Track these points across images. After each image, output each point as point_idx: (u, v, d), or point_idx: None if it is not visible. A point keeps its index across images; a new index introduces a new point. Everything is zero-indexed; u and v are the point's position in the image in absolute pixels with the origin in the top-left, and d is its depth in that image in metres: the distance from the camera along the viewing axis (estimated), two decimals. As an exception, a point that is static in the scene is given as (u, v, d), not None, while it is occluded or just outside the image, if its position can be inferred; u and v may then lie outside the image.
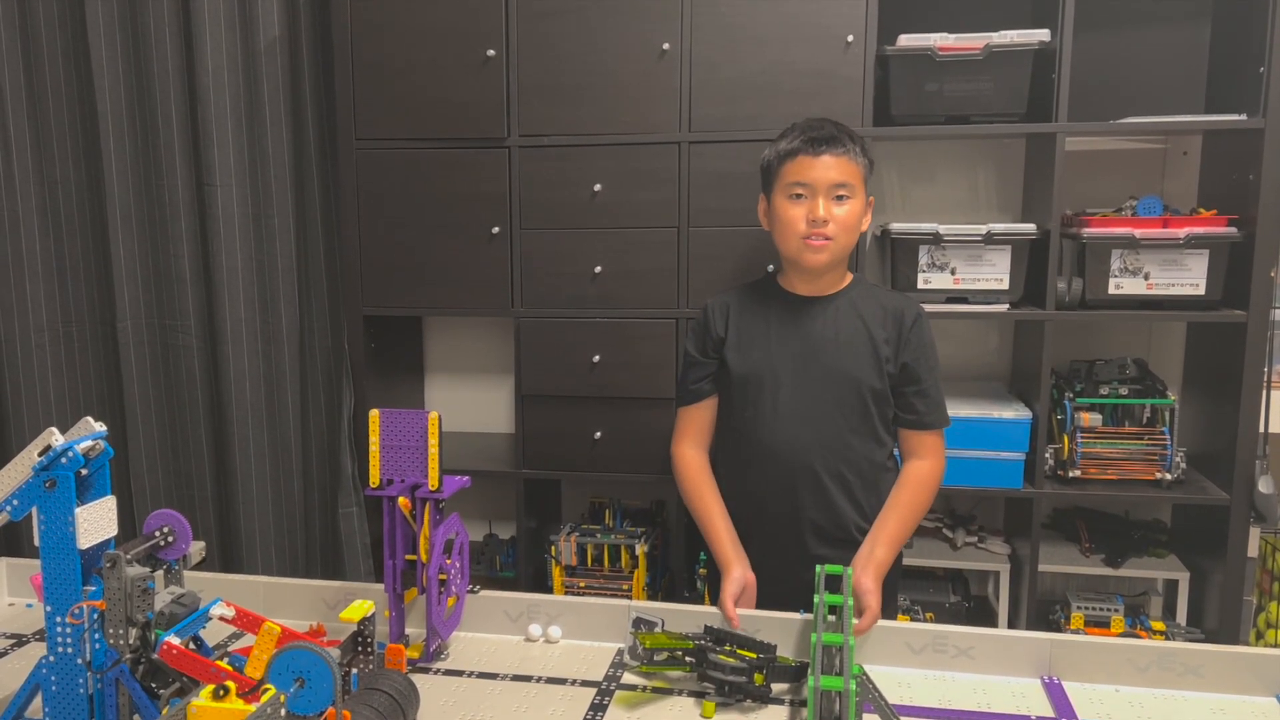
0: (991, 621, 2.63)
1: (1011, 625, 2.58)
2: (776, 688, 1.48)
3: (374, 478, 1.61)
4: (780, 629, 1.61)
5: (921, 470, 1.96)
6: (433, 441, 1.58)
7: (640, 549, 2.61)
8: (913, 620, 2.50)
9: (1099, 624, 2.51)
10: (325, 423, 2.83)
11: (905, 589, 2.58)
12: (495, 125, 2.51)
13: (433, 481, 1.58)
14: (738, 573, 1.84)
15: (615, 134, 2.47)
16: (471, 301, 2.61)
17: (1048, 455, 2.44)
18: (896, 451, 2.02)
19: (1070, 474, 2.43)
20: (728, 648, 1.49)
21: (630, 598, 2.59)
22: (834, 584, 1.50)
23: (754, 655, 1.48)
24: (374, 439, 1.60)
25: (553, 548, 2.66)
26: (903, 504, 1.93)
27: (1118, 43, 2.57)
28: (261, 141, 2.72)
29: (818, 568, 1.55)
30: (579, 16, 2.44)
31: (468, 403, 3.03)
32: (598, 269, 2.51)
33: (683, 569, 2.62)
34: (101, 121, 2.76)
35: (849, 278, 2.03)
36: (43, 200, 2.88)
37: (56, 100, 2.83)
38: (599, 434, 2.58)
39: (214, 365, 2.83)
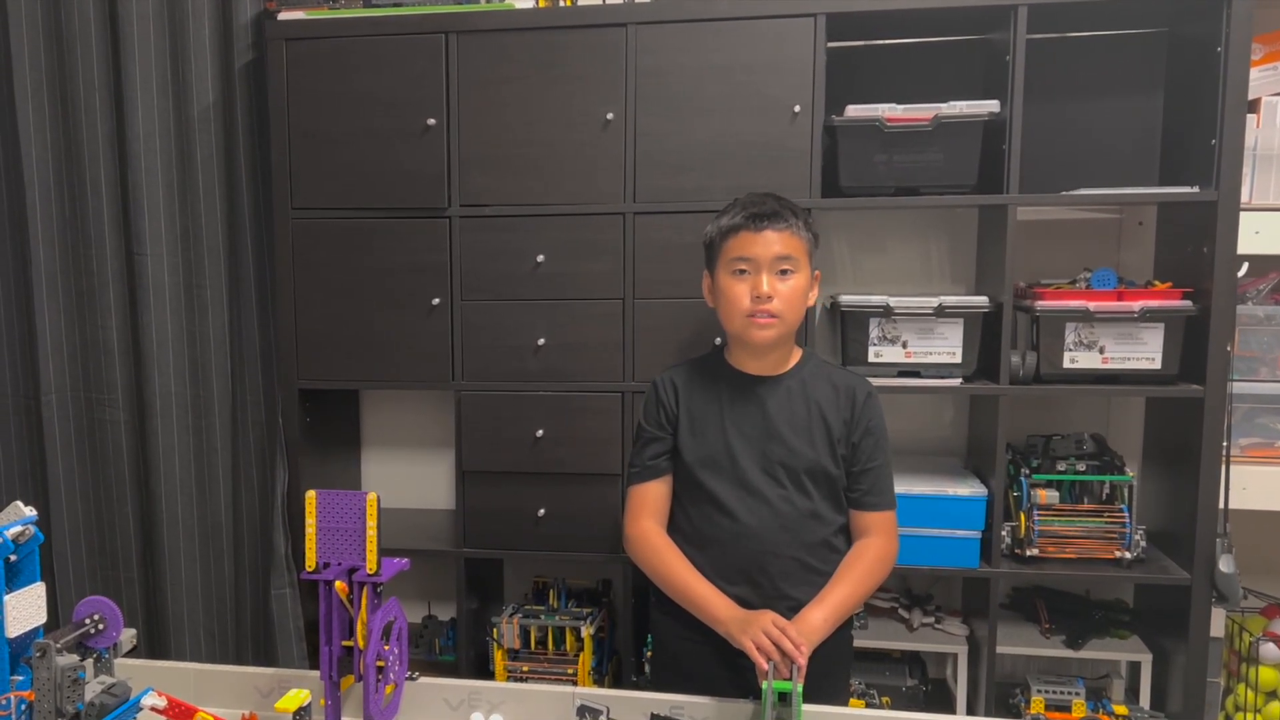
0: (950, 706, 2.54)
1: (971, 710, 2.49)
2: None
3: (310, 561, 1.57)
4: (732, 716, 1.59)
5: (874, 546, 1.93)
6: (371, 524, 1.55)
7: (586, 631, 2.51)
8: (868, 705, 2.42)
9: (1060, 708, 2.42)
10: (258, 500, 2.71)
11: (860, 671, 2.50)
12: (436, 195, 2.44)
13: (371, 565, 1.55)
14: (767, 617, 1.74)
15: (558, 204, 2.40)
16: (411, 374, 2.52)
17: (1004, 533, 2.37)
18: None
19: (1028, 552, 2.35)
20: None
21: (575, 682, 2.51)
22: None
23: None
24: (310, 521, 1.57)
25: (495, 630, 2.56)
26: (852, 576, 1.90)
27: (1070, 113, 2.54)
28: (194, 209, 2.64)
29: (764, 685, 1.52)
30: (521, 85, 2.38)
31: (406, 478, 2.92)
32: (541, 341, 2.44)
33: (630, 651, 2.52)
34: (29, 190, 2.65)
35: (798, 354, 1.99)
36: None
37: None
38: (543, 511, 2.48)
39: (142, 440, 2.72)
